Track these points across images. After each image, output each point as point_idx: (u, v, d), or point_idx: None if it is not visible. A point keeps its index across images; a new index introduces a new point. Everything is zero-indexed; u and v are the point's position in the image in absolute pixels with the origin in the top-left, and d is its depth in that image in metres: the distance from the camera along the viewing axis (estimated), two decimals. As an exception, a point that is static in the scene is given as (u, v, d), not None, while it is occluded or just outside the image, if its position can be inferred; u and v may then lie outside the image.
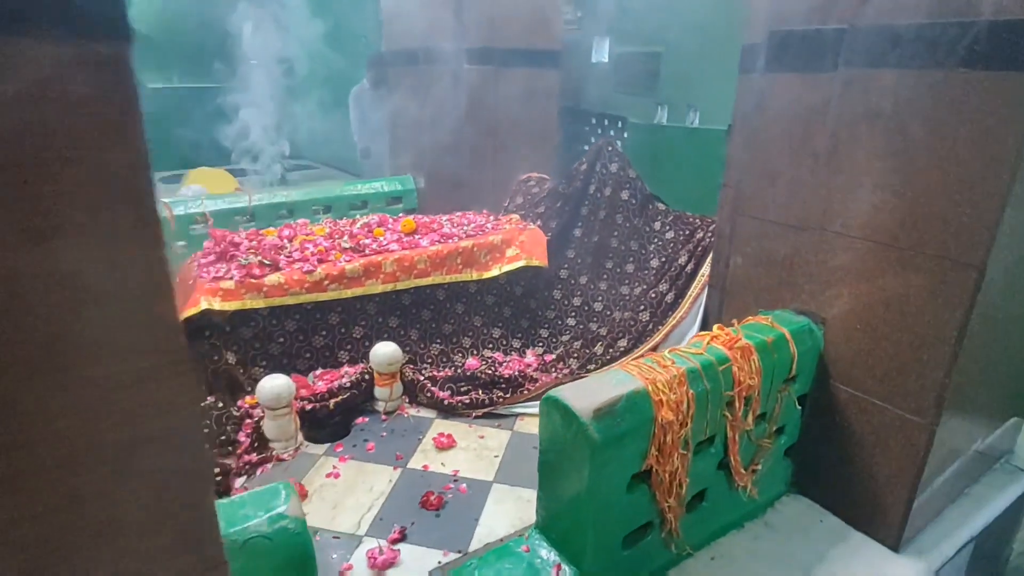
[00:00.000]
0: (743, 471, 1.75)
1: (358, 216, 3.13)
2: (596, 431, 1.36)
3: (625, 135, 4.79)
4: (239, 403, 2.16)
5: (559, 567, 1.53)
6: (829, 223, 1.71)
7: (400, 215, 2.94)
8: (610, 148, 3.10)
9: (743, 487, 1.77)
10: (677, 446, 1.52)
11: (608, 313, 2.96)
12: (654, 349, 2.65)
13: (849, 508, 1.83)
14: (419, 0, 3.88)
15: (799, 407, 1.86)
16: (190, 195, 4.08)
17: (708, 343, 1.66)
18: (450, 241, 2.68)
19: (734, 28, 2.07)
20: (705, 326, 2.49)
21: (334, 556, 1.66)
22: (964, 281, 1.44)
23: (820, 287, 1.78)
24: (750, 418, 1.69)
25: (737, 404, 1.63)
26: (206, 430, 2.01)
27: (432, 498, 1.86)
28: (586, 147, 5.42)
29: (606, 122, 5.20)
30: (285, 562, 1.01)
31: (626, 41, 4.55)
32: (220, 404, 2.09)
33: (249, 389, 2.15)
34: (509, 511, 1.85)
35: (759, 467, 1.81)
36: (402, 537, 1.73)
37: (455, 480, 1.97)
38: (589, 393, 1.43)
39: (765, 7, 1.79)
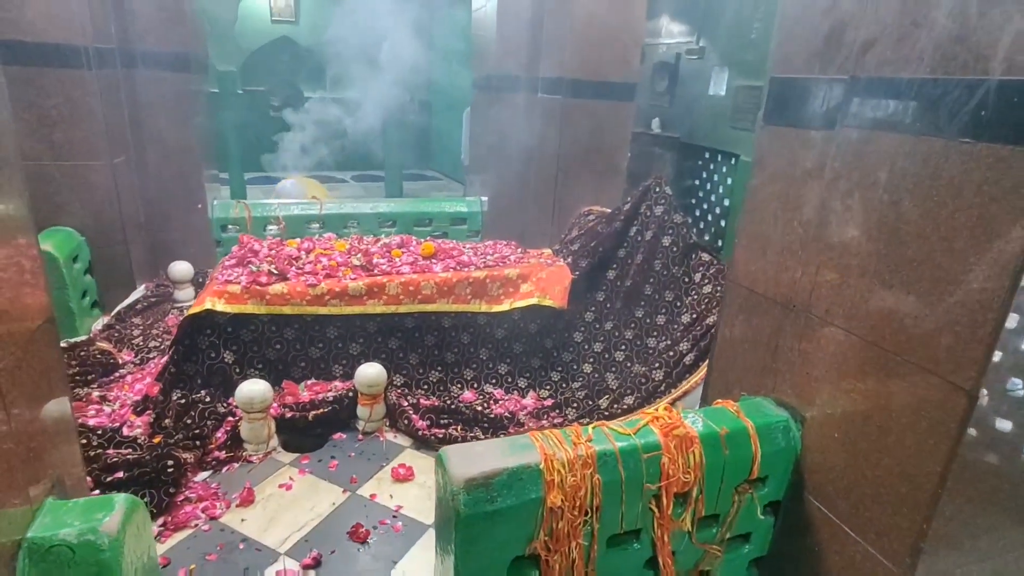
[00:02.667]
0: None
1: (386, 235, 3.21)
2: (464, 503, 1.25)
3: (737, 172, 4.49)
4: (228, 401, 2.30)
5: (433, 637, 1.43)
6: (815, 306, 1.44)
7: (427, 238, 2.96)
8: (658, 189, 2.89)
9: (679, 595, 1.53)
10: (576, 535, 1.36)
11: (629, 365, 2.75)
12: (660, 413, 2.41)
13: (813, 648, 1.51)
14: (502, 29, 3.93)
15: (767, 515, 1.58)
16: (289, 186, 4.45)
17: (645, 424, 1.47)
18: (464, 269, 2.65)
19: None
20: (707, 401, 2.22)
21: (246, 568, 1.69)
22: (953, 406, 1.13)
23: (802, 379, 1.50)
24: (686, 518, 1.47)
25: (665, 500, 1.42)
26: (188, 421, 2.17)
27: (361, 530, 1.84)
28: (696, 181, 5.15)
29: (719, 157, 4.90)
30: (83, 576, 1.05)
31: (747, 74, 4.27)
32: (208, 399, 2.24)
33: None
34: (431, 561, 1.77)
35: (706, 572, 1.56)
36: (315, 564, 1.72)
37: (394, 516, 1.93)
38: (474, 457, 1.33)
39: (772, 47, 1.56)
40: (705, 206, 5.21)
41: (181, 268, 3.32)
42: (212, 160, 3.80)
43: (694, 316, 2.63)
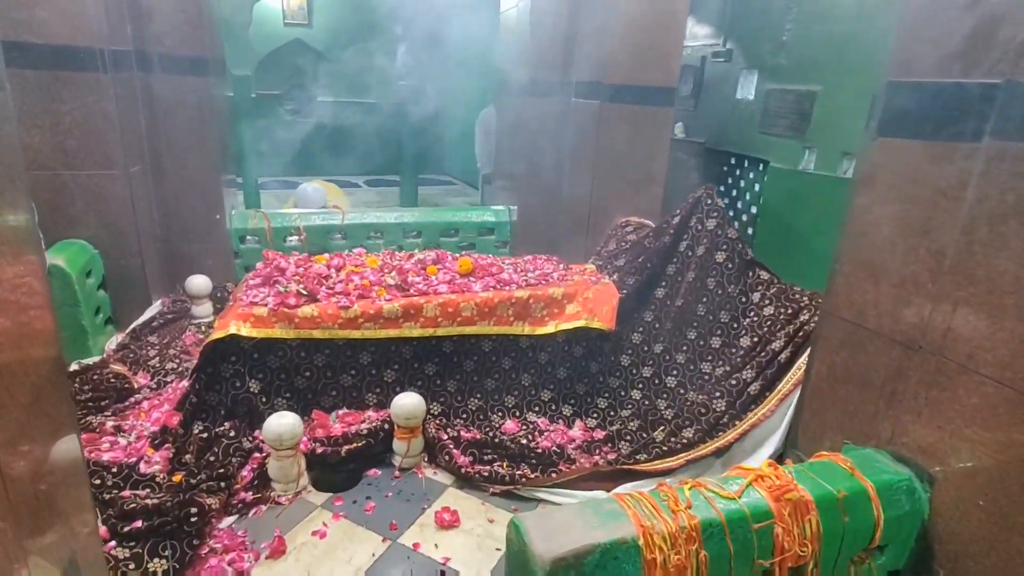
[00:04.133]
0: (783, 661, 1.31)
1: (419, 250, 3.01)
2: (551, 588, 1.05)
3: (765, 179, 4.31)
4: (255, 433, 2.11)
5: None
6: (951, 349, 1.23)
7: (461, 253, 2.77)
8: (709, 201, 2.68)
9: None
10: (676, 620, 1.15)
11: (682, 392, 2.54)
12: (725, 449, 2.21)
13: None
14: (535, 29, 3.74)
15: (885, 586, 1.37)
16: (310, 191, 4.25)
17: (748, 484, 1.26)
18: (505, 288, 2.46)
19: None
20: (794, 435, 2.01)
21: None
22: None
23: (931, 433, 1.29)
24: (798, 595, 1.26)
25: (777, 575, 1.21)
26: (211, 458, 1.97)
27: (406, 589, 1.64)
28: (721, 187, 4.95)
29: (745, 163, 4.71)
30: None
31: (779, 77, 4.08)
32: (232, 433, 2.05)
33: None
34: (488, 626, 1.57)
35: (812, 657, 1.35)
36: (358, 631, 1.52)
37: (442, 573, 1.73)
38: (557, 529, 1.13)
39: (892, 49, 1.36)
40: (731, 213, 5.01)
41: (199, 282, 3.14)
42: (229, 167, 3.62)
43: (755, 340, 2.42)
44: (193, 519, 1.68)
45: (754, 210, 4.51)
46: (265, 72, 8.51)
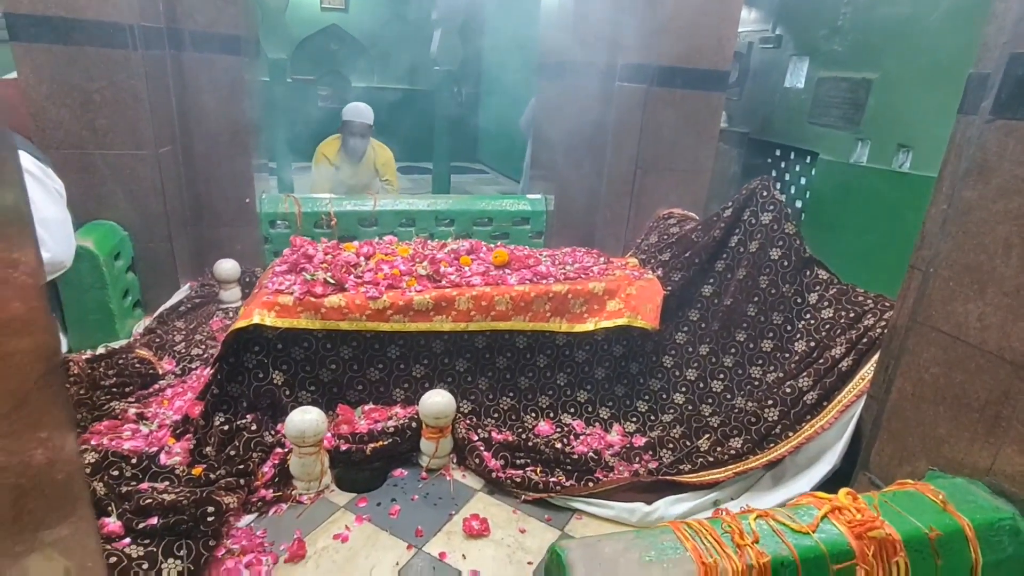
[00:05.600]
0: None
1: (449, 238, 2.88)
2: (599, 633, 0.91)
3: (813, 172, 4.08)
4: (277, 427, 2.02)
5: None
6: (1078, 370, 1.04)
7: (498, 244, 2.63)
8: (765, 193, 2.48)
9: None
10: (739, 672, 1.00)
11: (729, 398, 2.37)
12: (776, 463, 2.03)
13: None
14: (579, 9, 3.55)
15: (976, 639, 1.19)
16: (361, 105, 4.07)
17: (824, 516, 1.10)
18: (543, 282, 2.31)
19: (972, 53, 1.44)
20: (853, 452, 1.82)
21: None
22: None
23: (1044, 466, 1.10)
24: (879, 647, 1.09)
25: (856, 626, 1.05)
26: (232, 452, 1.89)
27: (431, 604, 1.52)
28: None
29: (792, 155, 4.46)
30: None
31: (831, 64, 3.84)
32: (254, 427, 1.96)
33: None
34: (519, 650, 1.45)
35: None
36: (379, 649, 1.41)
37: (470, 591, 1.61)
38: (609, 564, 0.98)
39: (1012, 17, 1.16)
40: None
41: (227, 267, 3.08)
42: (261, 151, 3.55)
43: (812, 344, 2.23)
44: (210, 518, 1.59)
45: (799, 204, 4.29)
46: (301, 57, 8.49)
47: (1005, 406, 1.16)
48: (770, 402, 2.14)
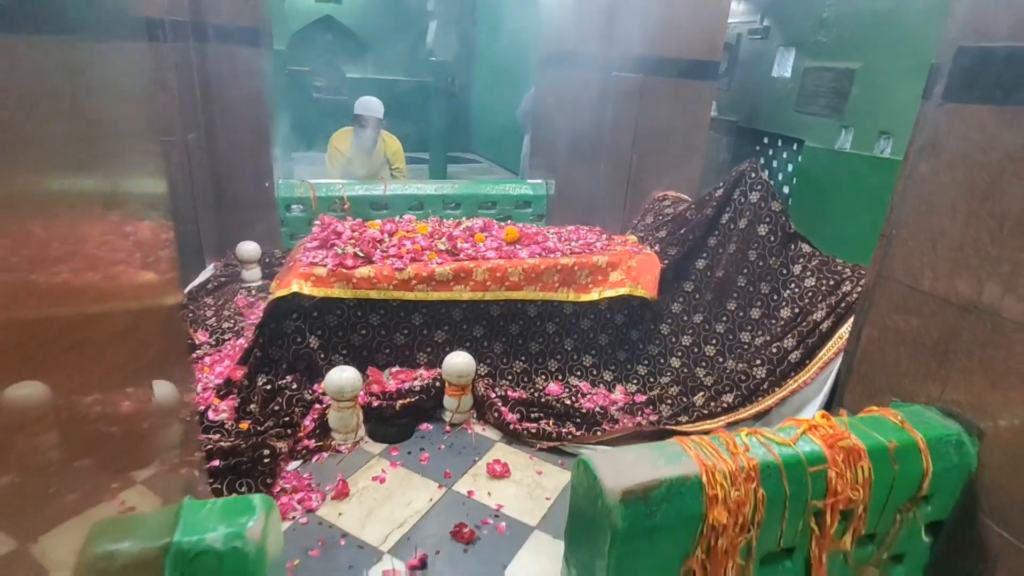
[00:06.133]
0: (829, 600, 1.38)
1: (462, 218, 3.08)
2: (621, 517, 1.14)
3: (800, 158, 4.29)
4: (314, 386, 2.22)
5: (568, 655, 1.32)
6: (1008, 308, 1.27)
7: (507, 222, 2.83)
8: (753, 175, 2.70)
9: (828, 619, 1.40)
10: (733, 555, 1.23)
11: (721, 360, 2.60)
12: (764, 414, 2.27)
13: None
14: (574, 2, 3.74)
15: (929, 537, 1.43)
16: (373, 99, 4.23)
17: (803, 432, 1.33)
18: (551, 256, 2.52)
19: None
20: (832, 402, 2.06)
21: (350, 567, 1.61)
22: None
23: (982, 389, 1.34)
24: (847, 538, 1.33)
25: (828, 518, 1.28)
26: (276, 408, 2.09)
27: (465, 530, 1.74)
28: None
29: (780, 143, 4.68)
30: (231, 586, 0.96)
31: (817, 55, 4.04)
32: (295, 385, 2.16)
33: (325, 375, 2.20)
34: (543, 566, 1.67)
35: (856, 600, 1.42)
36: (421, 566, 1.63)
37: (496, 516, 1.83)
38: (626, 467, 1.21)
39: (961, 14, 1.38)
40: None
41: (249, 248, 3.26)
42: (276, 137, 3.72)
43: (796, 311, 2.46)
44: (266, 460, 1.80)
45: (787, 190, 4.50)
46: (296, 49, 8.59)
47: (952, 343, 1.39)
48: (758, 362, 2.38)
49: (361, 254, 2.30)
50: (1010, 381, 1.27)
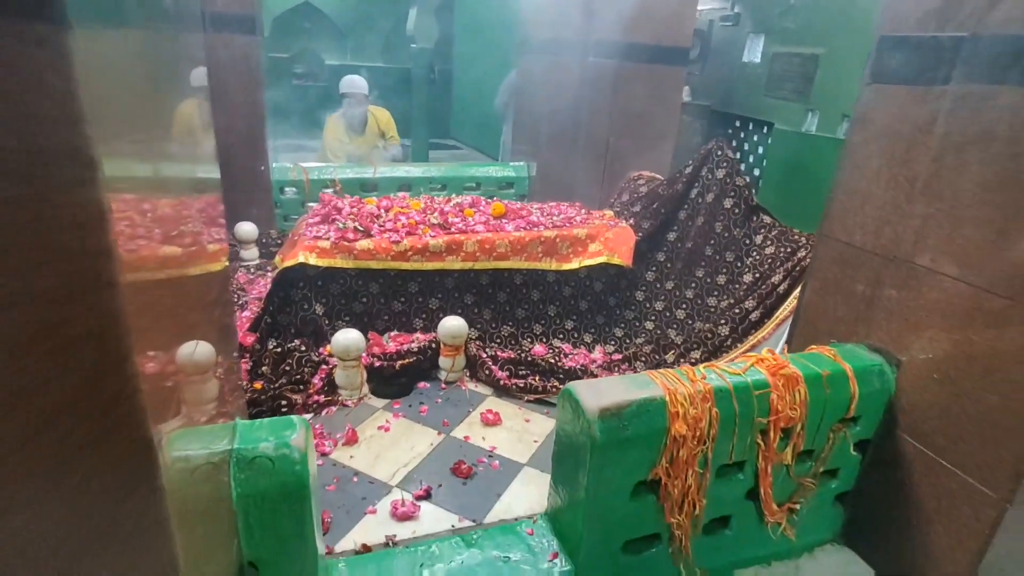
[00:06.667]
0: (775, 507, 1.64)
1: (454, 196, 3.30)
2: (599, 430, 1.37)
3: (769, 141, 4.53)
4: (320, 349, 2.42)
5: (556, 555, 1.56)
6: (919, 256, 1.52)
7: (493, 199, 3.04)
8: (719, 152, 2.95)
9: (775, 523, 1.66)
10: (692, 464, 1.48)
11: (690, 323, 2.86)
12: (728, 367, 2.52)
13: (895, 569, 1.64)
14: (554, -10, 3.93)
15: (857, 453, 1.69)
16: (356, 78, 4.39)
17: (751, 365, 1.57)
18: (535, 229, 2.74)
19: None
20: (786, 343, 2.32)
21: (363, 498, 1.83)
22: (1065, 342, 1.23)
23: (900, 326, 1.59)
24: (788, 452, 1.58)
25: (772, 433, 1.53)
26: (287, 368, 2.29)
27: (463, 466, 1.96)
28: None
29: (751, 126, 4.92)
30: (282, 483, 1.16)
31: (785, 41, 4.27)
32: (303, 348, 2.36)
33: (330, 339, 2.39)
34: (531, 494, 1.91)
35: (797, 506, 1.68)
36: (427, 495, 1.85)
37: (490, 455, 2.06)
38: (603, 392, 1.44)
39: (882, 6, 1.62)
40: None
41: (247, 228, 3.42)
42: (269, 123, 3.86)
43: (757, 276, 2.72)
44: (283, 410, 2.00)
45: (757, 172, 4.75)
46: (276, 35, 8.60)
47: (877, 289, 1.64)
48: (722, 322, 2.64)
49: (361, 228, 2.49)
50: (920, 318, 1.53)
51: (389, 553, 1.57)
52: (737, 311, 2.63)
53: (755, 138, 4.93)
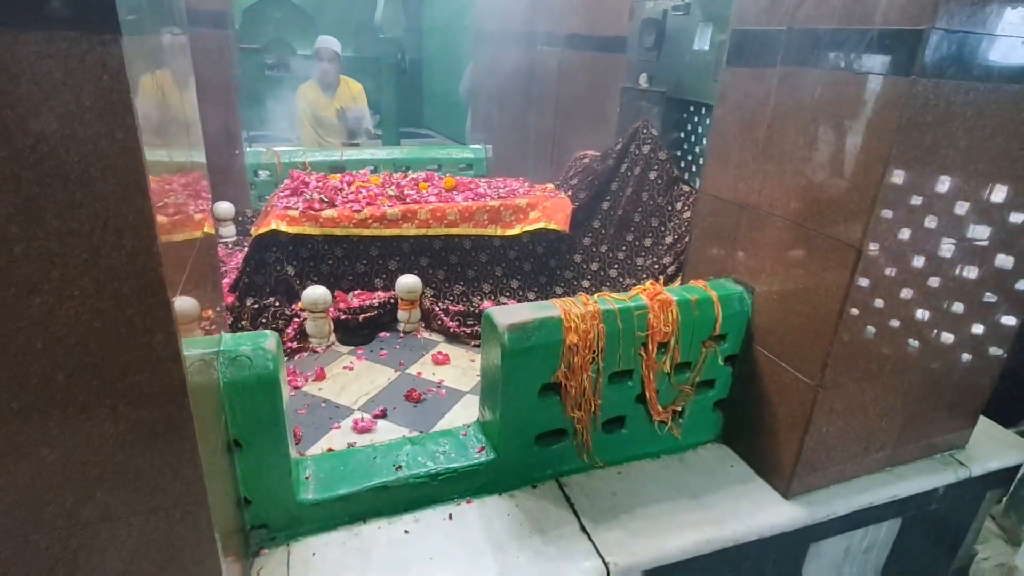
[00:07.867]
0: (660, 408, 2.05)
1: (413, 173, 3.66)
2: (508, 340, 1.76)
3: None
4: (293, 306, 2.78)
5: (482, 448, 1.96)
6: (763, 203, 1.93)
7: (446, 175, 3.41)
8: (645, 130, 3.35)
9: (661, 422, 2.07)
10: (586, 369, 1.88)
11: (622, 280, 3.27)
12: (647, 314, 2.94)
13: (758, 458, 2.07)
14: (503, -16, 4.29)
15: (728, 366, 2.11)
16: (329, 38, 4.73)
17: (636, 294, 1.98)
18: (481, 200, 3.12)
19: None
20: (689, 296, 2.74)
21: (330, 418, 2.21)
22: (846, 260, 1.65)
23: (753, 260, 2.01)
24: (667, 362, 1.99)
25: (650, 346, 1.94)
26: (264, 320, 2.65)
27: (415, 393, 2.35)
28: (681, 134, 5.59)
29: (703, 110, 5.32)
30: (257, 376, 1.53)
31: (727, 28, 4.63)
32: (277, 304, 2.72)
33: (301, 296, 2.76)
34: (472, 415, 2.29)
35: (680, 409, 2.10)
36: (383, 415, 2.24)
37: (438, 386, 2.45)
38: (513, 313, 1.83)
39: (736, 5, 2.02)
40: (690, 157, 5.67)
41: (225, 207, 3.75)
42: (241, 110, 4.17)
43: (675, 237, 3.14)
44: (261, 350, 2.36)
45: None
46: (247, 26, 8.79)
47: (737, 232, 2.06)
48: (645, 277, 3.05)
49: (325, 199, 2.85)
50: (765, 252, 1.94)
51: (349, 451, 1.95)
52: (657, 267, 3.05)
53: (707, 122, 5.31)
